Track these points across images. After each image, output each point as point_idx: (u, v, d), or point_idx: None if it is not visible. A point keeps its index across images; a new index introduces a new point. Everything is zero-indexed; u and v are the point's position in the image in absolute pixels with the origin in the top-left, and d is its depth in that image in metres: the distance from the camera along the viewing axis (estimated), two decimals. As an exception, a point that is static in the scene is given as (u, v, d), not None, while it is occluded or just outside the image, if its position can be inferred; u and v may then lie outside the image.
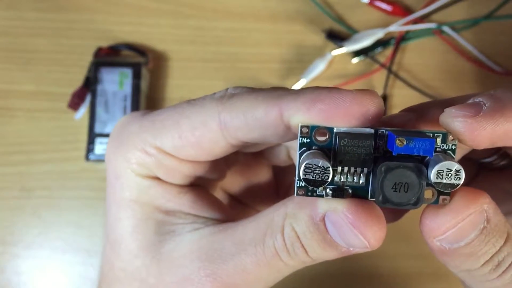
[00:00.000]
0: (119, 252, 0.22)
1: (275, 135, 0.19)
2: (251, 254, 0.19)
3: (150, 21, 0.45)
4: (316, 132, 0.17)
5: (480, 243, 0.17)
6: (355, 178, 0.17)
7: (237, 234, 0.20)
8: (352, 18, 0.46)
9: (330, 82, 0.44)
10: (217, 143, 0.20)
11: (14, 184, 0.43)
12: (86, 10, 0.45)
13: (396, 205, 0.16)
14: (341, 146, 0.16)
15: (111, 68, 0.43)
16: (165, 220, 0.21)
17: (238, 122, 0.19)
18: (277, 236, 0.19)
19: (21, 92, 0.44)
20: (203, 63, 0.45)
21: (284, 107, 0.17)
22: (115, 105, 0.42)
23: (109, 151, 0.22)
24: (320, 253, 0.19)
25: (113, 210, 0.22)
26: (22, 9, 0.45)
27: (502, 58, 0.45)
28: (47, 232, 0.42)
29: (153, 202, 0.21)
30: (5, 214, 0.42)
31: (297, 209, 0.19)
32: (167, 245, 0.21)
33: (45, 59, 0.44)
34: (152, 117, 0.21)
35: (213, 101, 0.19)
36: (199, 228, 0.21)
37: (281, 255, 0.19)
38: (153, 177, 0.21)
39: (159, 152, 0.21)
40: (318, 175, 0.16)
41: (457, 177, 0.16)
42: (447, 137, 0.17)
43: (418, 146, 0.16)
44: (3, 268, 0.42)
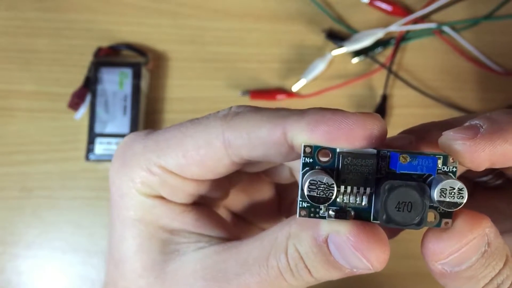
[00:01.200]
0: (123, 272, 0.22)
1: (279, 155, 0.19)
2: (255, 274, 0.19)
3: (150, 21, 0.45)
4: (319, 153, 0.17)
5: (480, 266, 0.17)
6: (357, 199, 0.17)
7: (241, 253, 0.20)
8: (352, 18, 0.46)
9: (330, 82, 0.44)
10: (221, 162, 0.20)
11: (14, 184, 0.43)
12: (86, 10, 0.45)
13: (400, 224, 0.16)
14: (344, 164, 0.17)
15: (111, 68, 0.43)
16: (169, 239, 0.22)
17: (242, 141, 0.19)
18: (280, 256, 0.19)
19: (21, 92, 0.44)
20: (203, 63, 0.45)
21: (288, 127, 0.18)
22: (115, 105, 0.42)
23: (113, 170, 0.22)
24: (323, 274, 0.19)
25: (117, 229, 0.22)
26: (22, 9, 0.45)
27: (502, 58, 0.45)
28: (47, 232, 0.42)
29: (157, 221, 0.22)
30: (5, 214, 0.42)
31: (300, 230, 0.19)
32: (172, 265, 0.21)
33: (45, 59, 0.44)
34: (156, 136, 0.21)
35: (217, 120, 0.20)
36: (203, 247, 0.21)
37: (285, 276, 0.19)
38: (158, 196, 0.22)
39: (163, 171, 0.21)
40: (322, 191, 0.16)
41: (460, 196, 0.16)
42: (447, 159, 0.17)
43: (421, 164, 0.16)
44: (3, 268, 0.42)
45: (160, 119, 0.44)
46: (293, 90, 0.44)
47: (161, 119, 0.44)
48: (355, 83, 0.45)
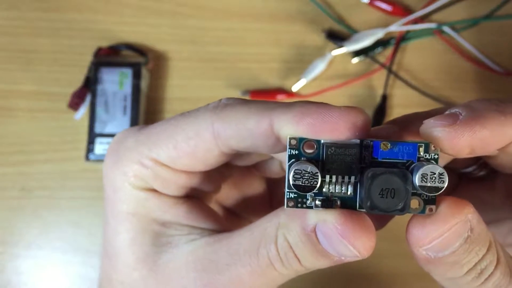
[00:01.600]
0: (117, 265, 0.22)
1: (266, 146, 0.19)
2: (246, 264, 0.20)
3: (150, 21, 0.45)
4: (304, 144, 0.18)
5: (464, 252, 0.18)
6: (343, 188, 0.17)
7: (232, 244, 0.21)
8: (352, 18, 0.46)
9: (330, 82, 0.44)
10: (211, 153, 0.20)
11: (14, 184, 0.43)
12: (86, 10, 0.45)
13: (384, 211, 0.17)
14: (328, 154, 0.17)
15: (111, 68, 0.43)
16: (161, 232, 0.22)
17: (231, 131, 0.19)
18: (270, 246, 0.19)
19: (21, 92, 0.44)
20: (203, 63, 0.45)
21: (274, 119, 0.18)
22: (115, 105, 0.42)
23: (106, 166, 0.22)
24: (312, 262, 0.19)
25: (110, 223, 0.22)
26: (22, 9, 0.45)
27: (502, 58, 0.45)
28: (47, 232, 0.42)
29: (150, 214, 0.22)
30: (5, 214, 0.42)
31: (289, 220, 0.19)
32: (164, 257, 0.21)
33: (45, 59, 0.44)
34: (148, 130, 0.22)
35: (206, 112, 0.20)
36: (195, 239, 0.22)
37: (275, 265, 0.20)
38: (150, 189, 0.22)
39: (155, 164, 0.21)
40: (307, 180, 0.17)
41: (441, 180, 0.16)
42: (429, 147, 0.17)
43: (402, 151, 0.17)
44: (3, 268, 0.42)
45: (160, 119, 0.44)
46: (293, 90, 0.44)
47: (161, 119, 0.44)
48: (355, 83, 0.45)
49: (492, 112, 0.18)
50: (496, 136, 0.17)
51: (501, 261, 0.18)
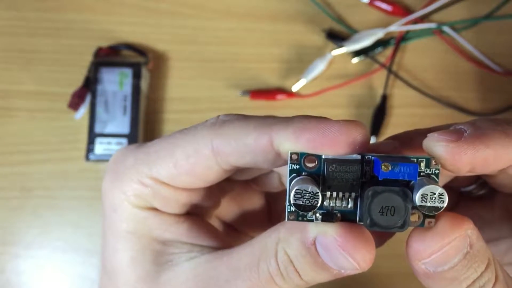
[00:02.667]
0: (117, 283, 0.22)
1: (266, 161, 0.19)
2: (247, 279, 0.20)
3: (150, 21, 0.45)
4: (305, 159, 0.18)
5: (463, 267, 0.18)
6: (343, 202, 0.17)
7: (233, 260, 0.21)
8: (352, 18, 0.46)
9: (330, 82, 0.44)
10: (211, 169, 0.20)
11: (14, 184, 0.43)
12: (86, 10, 0.45)
13: (384, 228, 0.17)
14: (330, 172, 0.17)
15: (111, 68, 0.43)
16: (162, 250, 0.22)
17: (230, 148, 0.19)
18: (271, 260, 0.19)
19: (21, 92, 0.44)
20: (203, 63, 0.45)
21: (274, 136, 0.18)
22: (115, 105, 0.42)
23: (105, 184, 0.22)
24: (313, 276, 0.19)
25: (110, 242, 0.22)
26: (22, 9, 0.45)
27: (502, 58, 0.45)
28: (47, 232, 0.42)
29: (150, 233, 0.22)
30: (5, 214, 0.42)
31: (289, 234, 0.19)
32: (165, 275, 0.21)
33: (45, 59, 0.44)
34: (146, 149, 0.22)
35: (205, 129, 0.20)
36: (195, 257, 0.22)
37: (276, 279, 0.19)
38: (150, 208, 0.22)
39: (155, 183, 0.21)
40: (308, 200, 0.17)
41: (441, 200, 0.17)
42: (430, 162, 0.17)
43: (402, 171, 0.16)
44: (3, 268, 0.42)
45: (160, 119, 0.44)
46: (293, 90, 0.44)
47: (161, 119, 0.44)
48: (355, 83, 0.45)
49: (497, 133, 0.17)
50: (499, 156, 0.17)
51: (499, 279, 0.18)
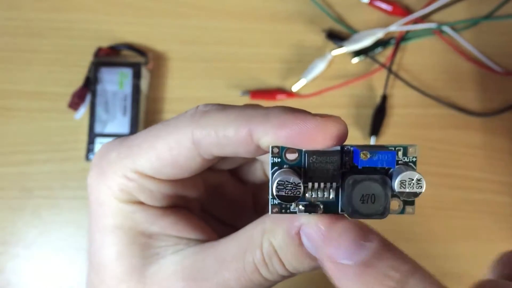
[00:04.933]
0: (104, 278, 0.22)
1: (247, 152, 0.20)
2: (233, 270, 0.20)
3: (150, 21, 0.45)
4: (286, 152, 0.18)
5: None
6: (325, 193, 0.18)
7: (219, 252, 0.21)
8: (352, 18, 0.46)
9: (330, 82, 0.44)
10: (193, 160, 0.21)
11: (14, 184, 0.43)
12: (86, 10, 0.45)
13: (365, 216, 0.17)
14: (310, 163, 0.18)
15: (111, 68, 0.43)
16: (148, 244, 0.22)
17: (211, 139, 0.20)
18: (256, 251, 0.20)
19: (21, 92, 0.44)
20: (203, 63, 0.45)
21: (253, 129, 0.19)
22: (115, 105, 0.42)
23: (90, 180, 0.23)
24: (296, 266, 0.20)
25: (97, 237, 0.22)
26: (22, 9, 0.45)
27: (502, 58, 0.45)
28: (47, 232, 0.42)
29: (136, 227, 0.22)
30: (5, 214, 0.42)
31: (274, 225, 0.20)
32: (152, 268, 0.22)
33: (45, 59, 0.44)
34: (129, 142, 0.22)
35: (185, 120, 0.20)
36: (182, 250, 0.22)
37: (261, 270, 0.20)
38: (136, 201, 0.22)
39: (139, 176, 0.21)
40: (290, 190, 0.17)
41: (419, 186, 0.17)
42: (407, 150, 0.18)
43: (381, 159, 0.17)
44: (3, 268, 0.42)
45: (160, 119, 0.44)
46: (293, 90, 0.44)
47: (161, 119, 0.44)
48: (355, 83, 0.45)
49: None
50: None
51: None
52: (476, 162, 0.44)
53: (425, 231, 0.43)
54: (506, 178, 0.44)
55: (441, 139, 0.44)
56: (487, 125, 0.44)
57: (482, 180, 0.44)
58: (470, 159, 0.44)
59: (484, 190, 0.44)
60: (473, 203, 0.43)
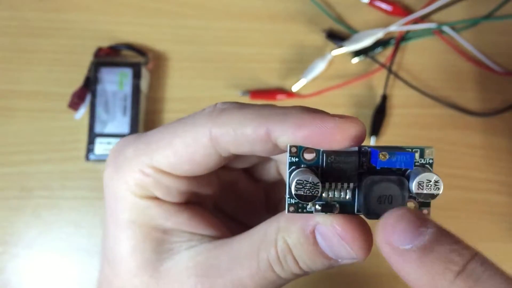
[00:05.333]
0: (118, 272, 0.22)
1: (264, 150, 0.20)
2: (246, 267, 0.20)
3: (150, 21, 0.45)
4: (304, 152, 0.18)
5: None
6: (342, 193, 0.18)
7: (233, 249, 0.21)
8: (352, 18, 0.46)
9: (330, 82, 0.44)
10: (210, 157, 0.21)
11: (14, 184, 0.43)
12: (86, 10, 0.45)
13: (381, 216, 0.17)
14: (328, 163, 0.18)
15: (111, 68, 0.43)
16: (163, 239, 0.22)
17: (228, 137, 0.20)
18: (270, 249, 0.20)
19: (21, 92, 0.44)
20: (203, 63, 0.45)
21: (271, 128, 0.19)
22: (115, 105, 0.42)
23: (107, 175, 0.23)
24: (310, 264, 0.20)
25: (112, 231, 0.23)
26: (22, 9, 0.45)
27: (502, 58, 0.45)
28: (47, 232, 0.42)
29: (151, 222, 0.22)
30: (5, 214, 0.42)
31: (289, 223, 0.20)
32: (165, 263, 0.22)
33: (45, 59, 0.44)
34: (146, 138, 0.22)
35: (203, 118, 0.20)
36: (195, 246, 0.22)
37: (275, 268, 0.20)
38: (152, 197, 0.22)
39: (156, 172, 0.21)
40: (308, 190, 0.17)
41: (436, 188, 0.17)
42: (424, 152, 0.18)
43: (399, 160, 0.17)
44: (3, 268, 0.42)
45: (160, 119, 0.44)
46: (293, 90, 0.44)
47: (161, 119, 0.44)
48: (355, 83, 0.45)
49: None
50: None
51: None
52: (476, 162, 0.44)
53: (425, 231, 0.43)
54: (506, 178, 0.44)
55: (441, 139, 0.44)
56: (487, 125, 0.44)
57: (482, 180, 0.44)
58: (470, 159, 0.44)
59: (484, 190, 0.44)
60: (473, 203, 0.43)
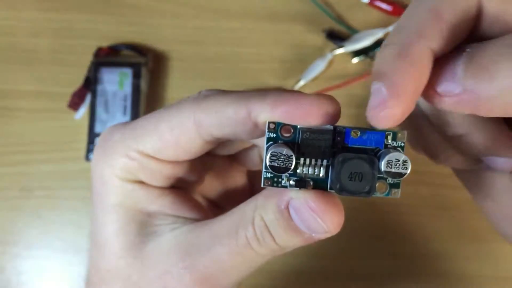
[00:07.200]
0: (104, 254, 0.23)
1: (245, 132, 0.20)
2: (226, 244, 0.21)
3: (150, 21, 0.45)
4: (282, 129, 0.19)
5: None
6: (316, 170, 0.19)
7: (213, 228, 0.22)
8: (352, 18, 0.46)
9: (330, 82, 0.44)
10: (194, 141, 0.21)
11: (14, 184, 0.43)
12: (86, 10, 0.45)
13: (351, 193, 0.18)
14: (303, 139, 0.19)
15: (111, 68, 0.43)
16: (147, 222, 0.23)
17: (211, 120, 0.20)
18: (248, 226, 0.21)
19: (21, 92, 0.44)
20: (203, 63, 0.45)
21: (251, 107, 0.19)
22: (115, 105, 0.42)
23: (94, 160, 0.23)
24: (286, 240, 0.20)
25: (98, 215, 0.23)
26: (22, 9, 0.45)
27: (502, 58, 0.45)
28: (47, 232, 0.42)
29: (136, 205, 0.23)
30: (5, 214, 0.42)
31: (265, 201, 0.20)
32: (149, 245, 0.23)
33: (45, 59, 0.44)
34: (133, 124, 0.23)
35: (187, 103, 0.21)
36: (178, 227, 0.23)
37: (252, 244, 0.21)
38: (137, 181, 0.23)
39: (141, 156, 0.22)
40: (282, 162, 0.18)
41: (404, 167, 0.18)
42: (396, 135, 0.19)
43: (370, 138, 0.18)
44: (3, 268, 0.42)
45: (160, 119, 0.44)
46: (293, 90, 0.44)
47: (161, 119, 0.44)
48: (355, 83, 0.45)
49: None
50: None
51: None
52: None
53: (426, 231, 0.43)
54: (506, 178, 0.44)
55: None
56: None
57: (482, 180, 0.44)
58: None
59: (484, 190, 0.44)
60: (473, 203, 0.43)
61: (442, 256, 0.43)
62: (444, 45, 0.17)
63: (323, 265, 0.42)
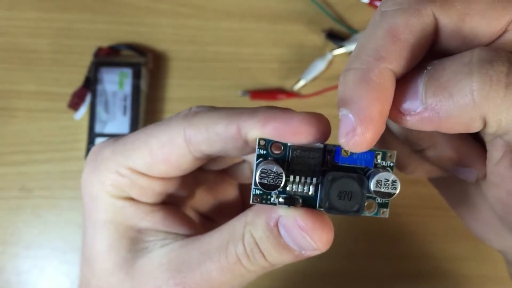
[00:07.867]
0: (95, 270, 0.23)
1: (235, 149, 0.20)
2: (216, 261, 0.21)
3: (150, 21, 0.45)
4: (272, 146, 0.19)
5: None
6: (305, 188, 0.19)
7: (204, 244, 0.22)
8: (352, 18, 0.46)
9: (330, 82, 0.44)
10: (184, 158, 0.21)
11: (14, 184, 0.43)
12: (86, 10, 0.45)
13: (340, 211, 0.18)
14: (294, 156, 0.19)
15: (111, 68, 0.43)
16: (138, 238, 0.23)
17: (201, 136, 0.20)
18: (238, 243, 0.21)
19: (21, 92, 0.44)
20: (203, 63, 0.45)
21: (241, 124, 0.19)
22: (115, 105, 0.42)
23: (84, 175, 0.23)
24: (276, 257, 0.20)
25: (89, 230, 0.23)
26: (22, 9, 0.45)
27: (502, 58, 0.45)
28: (47, 232, 0.42)
29: (127, 221, 0.23)
30: (5, 214, 0.42)
31: (255, 217, 0.20)
32: (140, 261, 0.22)
33: (45, 59, 0.44)
34: (123, 140, 0.23)
35: (178, 120, 0.21)
36: (169, 243, 0.23)
37: (242, 261, 0.21)
38: (127, 197, 0.23)
39: (131, 172, 0.22)
40: (272, 179, 0.18)
41: (393, 187, 0.18)
42: (386, 155, 0.19)
43: (360, 157, 0.18)
44: (3, 268, 0.42)
45: (160, 119, 0.44)
46: (293, 90, 0.44)
47: (161, 119, 0.44)
48: (355, 83, 0.45)
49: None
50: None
51: None
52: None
53: (425, 231, 0.43)
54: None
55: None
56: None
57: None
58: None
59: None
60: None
61: (442, 256, 0.43)
62: (404, 65, 0.17)
63: (320, 266, 0.42)
